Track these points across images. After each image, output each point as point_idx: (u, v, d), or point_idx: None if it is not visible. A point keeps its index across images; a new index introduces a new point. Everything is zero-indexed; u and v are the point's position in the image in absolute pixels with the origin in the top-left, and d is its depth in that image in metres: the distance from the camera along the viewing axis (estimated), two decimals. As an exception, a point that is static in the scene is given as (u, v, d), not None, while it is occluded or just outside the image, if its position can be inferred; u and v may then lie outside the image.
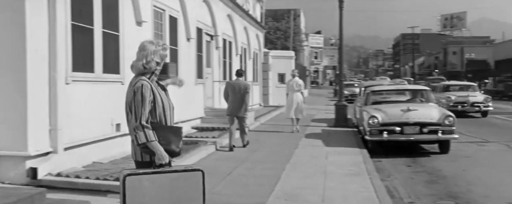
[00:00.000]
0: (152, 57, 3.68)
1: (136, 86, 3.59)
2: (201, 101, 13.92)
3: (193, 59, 13.21)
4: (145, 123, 3.52)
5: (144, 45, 3.71)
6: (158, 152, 3.50)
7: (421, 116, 10.37)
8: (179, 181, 3.42)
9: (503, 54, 59.32)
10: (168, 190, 3.36)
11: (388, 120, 10.37)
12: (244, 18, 19.93)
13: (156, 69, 3.71)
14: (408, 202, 6.63)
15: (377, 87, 14.01)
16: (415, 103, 11.71)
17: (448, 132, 10.18)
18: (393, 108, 10.95)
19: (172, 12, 11.57)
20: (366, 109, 11.52)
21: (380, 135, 10.30)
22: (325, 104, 27.93)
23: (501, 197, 6.78)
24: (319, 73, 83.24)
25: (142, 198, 3.27)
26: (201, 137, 11.09)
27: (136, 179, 3.29)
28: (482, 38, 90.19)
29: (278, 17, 47.60)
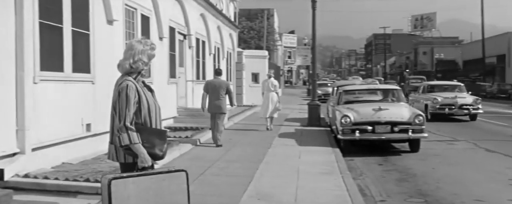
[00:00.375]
0: (139, 57, 3.63)
1: (121, 86, 3.54)
2: (174, 101, 13.82)
3: (166, 59, 13.10)
4: (129, 125, 3.46)
5: (132, 45, 3.67)
6: (141, 155, 3.46)
7: (392, 115, 10.48)
8: (163, 182, 3.40)
9: (471, 55, 60.82)
10: (153, 192, 3.36)
11: (360, 119, 10.48)
12: (217, 17, 19.87)
13: (143, 69, 3.66)
14: (379, 200, 6.72)
15: (349, 87, 14.04)
16: (386, 103, 11.87)
17: (418, 131, 10.34)
18: (365, 108, 11.03)
19: (144, 11, 11.44)
20: (339, 108, 11.58)
21: (353, 134, 10.42)
22: (298, 103, 28.08)
23: (468, 194, 6.95)
24: (292, 72, 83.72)
25: (127, 201, 3.25)
26: (174, 137, 10.99)
27: (121, 182, 3.25)
28: (451, 39, 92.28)
29: (251, 17, 47.67)
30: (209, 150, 10.11)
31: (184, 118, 13.68)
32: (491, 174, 8.42)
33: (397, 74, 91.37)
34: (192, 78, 15.90)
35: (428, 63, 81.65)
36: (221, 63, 21.22)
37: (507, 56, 51.55)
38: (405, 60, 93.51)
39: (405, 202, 6.62)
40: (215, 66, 19.26)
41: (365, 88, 13.68)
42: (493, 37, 53.99)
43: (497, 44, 52.13)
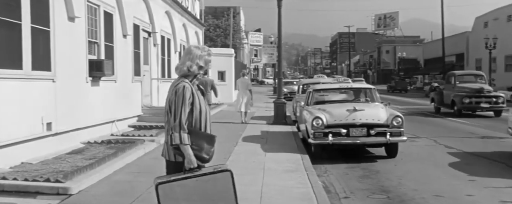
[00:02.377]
0: (197, 61, 3.84)
1: (178, 86, 3.72)
2: (138, 99, 13.63)
3: (130, 56, 12.90)
4: (184, 124, 3.63)
5: (191, 50, 3.90)
6: (188, 156, 3.60)
7: (368, 117, 9.50)
8: (209, 183, 3.50)
9: (431, 53, 62.52)
10: (200, 193, 3.45)
11: (333, 122, 9.47)
12: (183, 15, 19.70)
13: (199, 73, 3.87)
14: (343, 197, 6.83)
15: (320, 86, 13.15)
16: (361, 103, 10.86)
17: (396, 134, 9.43)
18: (339, 108, 10.00)
19: (107, 7, 11.22)
20: (309, 109, 10.62)
21: (325, 138, 9.39)
22: (264, 101, 28.19)
23: (428, 190, 7.15)
24: (259, 70, 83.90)
25: (176, 203, 3.35)
26: (138, 135, 10.85)
27: (167, 186, 3.37)
28: (413, 38, 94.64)
29: (217, 15, 47.55)
30: (175, 149, 10.00)
31: (149, 116, 13.51)
32: (451, 171, 8.68)
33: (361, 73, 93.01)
34: (157, 76, 15.72)
35: (391, 61, 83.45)
36: (187, 61, 21.04)
37: (465, 54, 53.27)
38: (369, 58, 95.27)
39: (368, 198, 6.75)
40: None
41: (337, 87, 12.32)
42: (452, 36, 55.67)
43: (456, 43, 53.79)
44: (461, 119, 18.26)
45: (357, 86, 12.78)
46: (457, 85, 20.29)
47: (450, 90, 20.68)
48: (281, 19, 16.98)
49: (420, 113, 21.72)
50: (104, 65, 10.24)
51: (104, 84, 10.79)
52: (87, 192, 6.31)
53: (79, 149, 8.83)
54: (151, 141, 10.26)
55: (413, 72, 66.82)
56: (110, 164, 7.68)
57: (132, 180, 7.09)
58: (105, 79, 10.79)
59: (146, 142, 10.04)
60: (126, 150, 8.85)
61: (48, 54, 8.33)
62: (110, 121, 11.23)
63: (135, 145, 9.42)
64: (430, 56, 63.25)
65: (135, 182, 6.91)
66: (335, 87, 12.51)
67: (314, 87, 12.27)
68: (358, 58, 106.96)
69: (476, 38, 48.22)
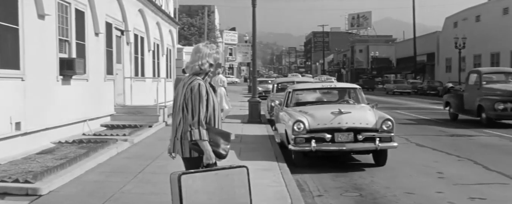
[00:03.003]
0: (207, 59, 3.96)
1: (193, 84, 3.82)
2: (111, 98, 13.45)
3: (102, 55, 12.72)
4: (203, 121, 3.75)
5: (200, 48, 4.01)
6: (207, 152, 3.73)
7: (355, 120, 8.50)
8: (227, 177, 3.66)
9: (403, 53, 63.59)
10: (218, 186, 3.60)
11: (316, 126, 8.48)
12: (156, 13, 19.51)
13: (210, 70, 3.99)
14: (317, 195, 6.89)
15: (300, 85, 12.12)
16: (346, 105, 9.75)
17: (386, 140, 8.49)
18: (322, 111, 8.96)
19: (78, 5, 11.03)
20: (289, 111, 9.61)
21: (307, 144, 8.39)
22: (239, 100, 28.19)
23: (400, 187, 7.28)
24: (234, 69, 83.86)
25: (195, 195, 3.49)
26: (111, 135, 10.71)
27: (189, 177, 3.50)
28: (385, 37, 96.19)
29: (192, 13, 47.31)
30: (148, 148, 9.93)
31: (121, 115, 13.35)
32: (421, 168, 8.85)
33: (335, 72, 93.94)
34: (131, 75, 15.53)
35: (364, 60, 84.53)
36: (161, 60, 20.88)
37: (436, 54, 54.40)
38: (343, 57, 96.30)
39: (341, 196, 6.83)
40: (154, 63, 19.06)
41: (320, 86, 10.97)
42: (424, 36, 56.78)
43: (427, 43, 54.88)
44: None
45: (341, 85, 11.56)
46: (483, 86, 16.09)
47: (473, 92, 16.37)
48: (255, 18, 17.01)
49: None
50: (76, 63, 10.07)
51: (75, 83, 10.61)
52: (58, 192, 6.19)
53: (49, 149, 8.66)
54: (124, 141, 10.15)
55: (385, 71, 67.86)
56: (82, 164, 7.56)
57: (104, 180, 6.99)
58: (77, 78, 10.61)
59: (119, 142, 9.93)
60: (98, 149, 8.73)
61: (17, 52, 8.14)
62: (82, 121, 11.06)
63: (107, 145, 9.30)
64: (402, 55, 64.34)
65: (108, 182, 6.82)
66: (317, 86, 11.04)
67: (294, 87, 11.17)
68: (332, 57, 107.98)
69: (446, 38, 49.32)
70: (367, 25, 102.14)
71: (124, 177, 7.12)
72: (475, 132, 14.17)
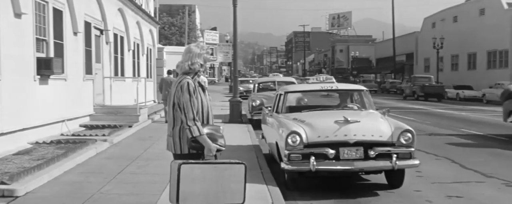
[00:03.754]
0: (196, 60, 4.08)
1: (182, 83, 3.96)
2: (90, 98, 13.31)
3: (81, 54, 12.57)
4: (196, 117, 3.90)
5: (191, 48, 4.14)
6: (208, 145, 3.87)
7: (365, 132, 6.75)
8: (225, 172, 3.74)
9: (383, 53, 64.28)
10: (215, 180, 3.69)
11: (316, 139, 6.70)
12: (136, 12, 19.36)
13: (199, 70, 4.11)
14: (297, 194, 6.92)
15: (295, 86, 10.54)
16: (351, 111, 8.06)
17: (405, 156, 6.73)
18: (323, 119, 7.22)
19: (56, 4, 10.88)
20: (281, 119, 7.84)
21: (305, 162, 6.56)
22: (220, 100, 28.13)
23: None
24: (215, 69, 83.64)
25: (191, 184, 3.61)
26: (90, 135, 10.59)
27: (189, 167, 3.62)
28: (365, 37, 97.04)
29: (172, 13, 47.02)
30: (128, 149, 9.85)
31: (101, 115, 13.22)
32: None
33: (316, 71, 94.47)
34: (110, 75, 15.38)
35: (344, 60, 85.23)
36: (141, 59, 20.73)
37: (414, 54, 55.12)
38: (323, 57, 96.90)
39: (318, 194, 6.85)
40: (134, 62, 18.93)
41: (319, 88, 8.89)
42: (403, 36, 57.50)
43: (406, 43, 55.59)
44: (411, 117, 16.68)
45: (345, 87, 9.54)
46: None
47: None
48: (236, 18, 17.00)
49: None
50: (53, 63, 9.93)
51: (53, 82, 10.46)
52: (35, 194, 6.10)
53: (26, 150, 8.52)
54: (104, 141, 10.05)
55: (365, 71, 68.49)
56: (60, 165, 7.46)
57: (83, 180, 6.91)
58: (55, 78, 10.47)
59: (98, 142, 9.83)
60: (76, 150, 8.63)
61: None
62: (60, 121, 10.91)
63: (86, 145, 9.19)
64: (382, 55, 65.02)
65: (86, 183, 6.75)
66: (316, 88, 8.97)
67: (286, 89, 9.07)
68: (313, 57, 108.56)
69: (425, 38, 50.01)
70: (347, 25, 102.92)
71: (104, 177, 7.05)
72: None
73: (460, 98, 34.00)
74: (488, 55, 40.38)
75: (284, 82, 18.04)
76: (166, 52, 25.40)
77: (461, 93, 34.39)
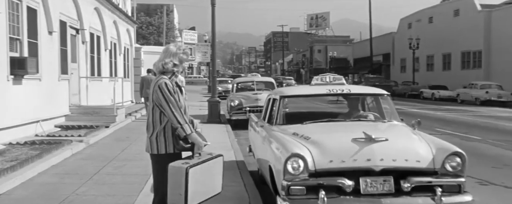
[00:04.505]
0: (171, 59, 4.08)
1: (159, 83, 3.96)
2: (66, 98, 13.11)
3: (56, 54, 12.37)
4: (180, 115, 3.93)
5: (168, 48, 4.17)
6: (198, 143, 3.93)
7: (396, 155, 4.83)
8: (212, 166, 3.96)
9: (360, 53, 64.96)
10: (207, 175, 3.91)
11: (328, 164, 4.78)
12: (113, 12, 19.15)
13: (173, 70, 4.09)
14: (275, 194, 6.94)
15: (294, 89, 8.55)
16: (369, 123, 6.09)
17: (453, 189, 4.84)
18: (336, 135, 5.36)
19: (31, 3, 10.69)
20: (277, 134, 5.74)
21: (311, 197, 4.66)
22: (199, 100, 28.02)
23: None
24: (193, 69, 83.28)
25: (196, 185, 3.76)
26: (65, 136, 10.44)
27: (195, 169, 3.73)
28: (343, 38, 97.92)
29: (150, 12, 46.65)
30: (105, 149, 9.74)
31: (77, 116, 13.04)
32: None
33: (295, 71, 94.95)
34: (86, 75, 15.18)
35: (322, 60, 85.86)
36: (118, 59, 20.51)
37: (391, 54, 55.88)
38: (302, 57, 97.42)
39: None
40: (111, 62, 18.74)
41: (326, 92, 6.49)
42: (379, 37, 58.19)
43: (382, 43, 56.28)
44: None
45: (361, 91, 7.15)
46: None
47: None
48: (214, 18, 16.97)
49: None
50: (27, 62, 9.76)
51: (27, 82, 10.28)
52: (8, 196, 5.99)
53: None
54: (79, 142, 9.92)
55: (343, 71, 69.10)
56: (34, 166, 7.34)
57: (57, 182, 6.81)
58: (29, 78, 10.28)
59: (74, 143, 9.69)
60: (51, 151, 8.49)
61: (-36, 50, 7.82)
62: (35, 121, 10.72)
63: (61, 146, 9.06)
64: (359, 55, 65.70)
65: (61, 184, 6.65)
66: (322, 92, 6.55)
67: (282, 92, 6.74)
68: (291, 57, 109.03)
69: (401, 38, 50.74)
70: (325, 25, 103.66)
71: (79, 179, 6.96)
72: None
73: (435, 98, 34.61)
74: (462, 56, 41.19)
75: (262, 82, 18.10)
76: (144, 51, 25.20)
77: (436, 93, 35.02)
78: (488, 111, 23.82)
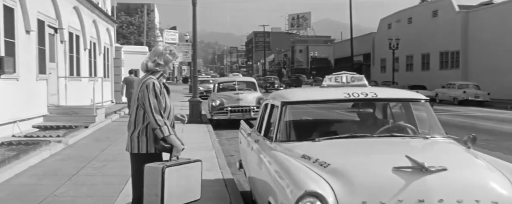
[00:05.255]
0: (155, 58, 4.06)
1: (147, 83, 3.93)
2: (44, 98, 12.91)
3: (34, 53, 12.17)
4: (164, 117, 3.92)
5: (156, 48, 4.18)
6: (178, 146, 3.91)
7: (461, 193, 3.25)
8: (190, 170, 3.93)
9: (341, 53, 65.51)
10: (184, 179, 3.87)
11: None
12: (93, 11, 18.93)
13: (156, 70, 4.05)
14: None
15: (299, 94, 5.47)
16: (408, 139, 4.49)
17: None
18: (369, 160, 3.74)
19: (7, 1, 10.50)
20: (280, 157, 4.18)
21: None
22: (180, 100, 27.89)
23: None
24: (175, 69, 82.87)
25: (172, 187, 3.71)
26: (43, 136, 10.29)
27: (171, 170, 3.69)
28: (324, 38, 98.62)
29: (131, 11, 46.25)
30: (84, 150, 9.63)
31: (56, 116, 12.85)
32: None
33: (276, 71, 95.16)
34: (65, 74, 14.98)
35: (304, 60, 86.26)
36: (98, 58, 20.29)
37: (371, 54, 56.47)
38: (283, 57, 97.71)
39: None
40: (90, 62, 18.54)
41: (343, 97, 4.77)
42: (360, 37, 58.72)
43: (363, 44, 56.84)
44: None
45: (389, 95, 5.29)
46: None
47: None
48: (196, 17, 16.92)
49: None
50: (4, 62, 9.59)
51: (4, 82, 10.10)
52: (-16, 198, 5.88)
53: (-25, 153, 8.19)
54: (58, 142, 9.79)
55: (324, 71, 69.57)
56: (11, 167, 7.21)
57: (35, 183, 6.71)
58: (6, 77, 10.10)
59: (52, 143, 9.56)
60: (29, 151, 8.36)
61: None
62: (12, 122, 10.54)
63: (39, 147, 8.92)
64: (340, 55, 66.22)
65: (39, 186, 6.55)
66: (338, 97, 4.86)
67: (285, 97, 5.06)
68: (273, 57, 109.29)
69: (381, 38, 51.29)
70: (306, 25, 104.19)
71: (58, 179, 6.87)
72: None
73: (415, 98, 34.99)
74: (441, 56, 41.83)
75: (244, 82, 18.05)
76: (124, 51, 24.97)
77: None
78: (466, 111, 24.25)
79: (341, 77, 5.23)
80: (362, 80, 5.24)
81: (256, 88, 17.44)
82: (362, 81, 5.21)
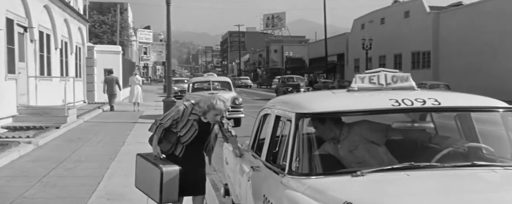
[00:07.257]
0: (204, 107, 4.51)
1: (183, 104, 4.61)
2: (13, 98, 12.62)
3: (3, 53, 11.89)
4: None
5: (215, 103, 4.48)
6: (153, 149, 4.65)
7: None
8: (150, 168, 4.48)
9: (315, 53, 65.96)
10: (145, 171, 4.65)
11: None
12: (64, 9, 18.59)
13: (199, 114, 4.55)
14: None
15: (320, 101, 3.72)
16: (492, 172, 2.93)
17: None
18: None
19: (-25, -2, 10.23)
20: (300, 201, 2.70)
21: None
22: (154, 100, 27.63)
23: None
24: (148, 68, 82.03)
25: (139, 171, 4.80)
26: (12, 137, 10.06)
27: (140, 160, 4.76)
28: (299, 38, 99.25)
29: (103, 10, 45.56)
30: (55, 151, 9.46)
31: (25, 117, 12.59)
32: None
33: (251, 71, 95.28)
34: (35, 74, 14.67)
35: (279, 60, 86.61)
36: (70, 58, 19.93)
37: (345, 54, 57.07)
38: (258, 57, 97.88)
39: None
40: (62, 61, 18.24)
41: (389, 107, 3.26)
42: (334, 37, 59.32)
43: (337, 44, 57.40)
44: None
45: (459, 103, 3.68)
46: None
47: None
48: (170, 17, 16.78)
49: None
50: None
51: None
52: (-49, 201, 5.72)
53: None
54: (28, 143, 9.60)
55: (299, 70, 69.99)
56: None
57: (4, 185, 6.56)
58: (-27, 77, 9.83)
59: (21, 144, 9.36)
60: (-2, 153, 8.16)
61: None
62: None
63: (8, 147, 8.72)
64: (315, 55, 66.68)
65: (8, 187, 6.41)
66: (383, 105, 3.29)
67: (302, 106, 3.43)
68: (248, 57, 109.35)
69: (354, 39, 51.89)
70: (281, 25, 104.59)
71: (27, 181, 6.73)
72: None
73: (388, 97, 35.55)
74: (413, 56, 42.59)
75: (219, 82, 17.94)
76: (97, 50, 24.59)
77: (389, 92, 35.98)
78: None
79: (378, 76, 3.69)
80: (408, 80, 3.72)
81: (231, 88, 17.39)
82: (408, 82, 3.70)
